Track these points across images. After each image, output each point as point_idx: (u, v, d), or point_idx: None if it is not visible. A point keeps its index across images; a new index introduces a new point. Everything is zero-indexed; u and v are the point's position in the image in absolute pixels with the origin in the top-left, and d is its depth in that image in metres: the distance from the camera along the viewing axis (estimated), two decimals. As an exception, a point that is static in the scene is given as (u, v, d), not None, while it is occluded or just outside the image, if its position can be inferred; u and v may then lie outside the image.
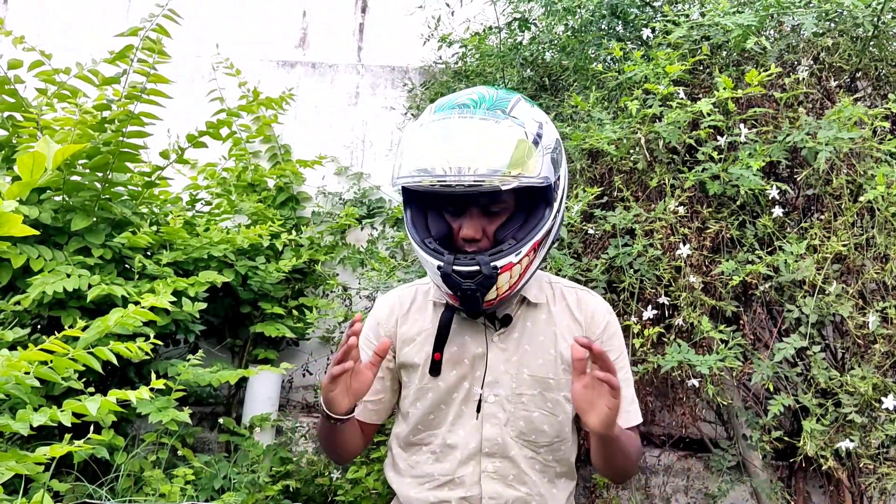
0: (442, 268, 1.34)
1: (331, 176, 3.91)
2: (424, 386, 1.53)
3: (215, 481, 2.76)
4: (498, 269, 1.33)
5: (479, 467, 1.49)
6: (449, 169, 1.27)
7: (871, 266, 2.10)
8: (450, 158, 1.27)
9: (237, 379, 2.64)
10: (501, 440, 1.48)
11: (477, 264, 1.32)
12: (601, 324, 1.53)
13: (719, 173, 2.12)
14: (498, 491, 1.48)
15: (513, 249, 1.34)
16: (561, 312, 1.53)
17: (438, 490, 1.52)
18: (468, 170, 1.26)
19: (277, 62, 4.05)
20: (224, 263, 3.05)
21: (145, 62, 2.61)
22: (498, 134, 1.30)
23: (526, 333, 1.50)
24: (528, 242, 1.36)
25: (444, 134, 1.31)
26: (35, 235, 2.57)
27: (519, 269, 1.36)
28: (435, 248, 1.37)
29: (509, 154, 1.28)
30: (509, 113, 1.34)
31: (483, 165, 1.26)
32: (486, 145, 1.28)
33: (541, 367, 1.49)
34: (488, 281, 1.33)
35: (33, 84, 2.73)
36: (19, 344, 2.21)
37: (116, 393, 1.68)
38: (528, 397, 1.48)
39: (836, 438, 2.00)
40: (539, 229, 1.37)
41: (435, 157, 1.29)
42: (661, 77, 2.19)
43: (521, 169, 1.29)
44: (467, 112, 1.33)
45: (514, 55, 3.03)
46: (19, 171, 1.29)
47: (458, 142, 1.29)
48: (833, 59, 2.36)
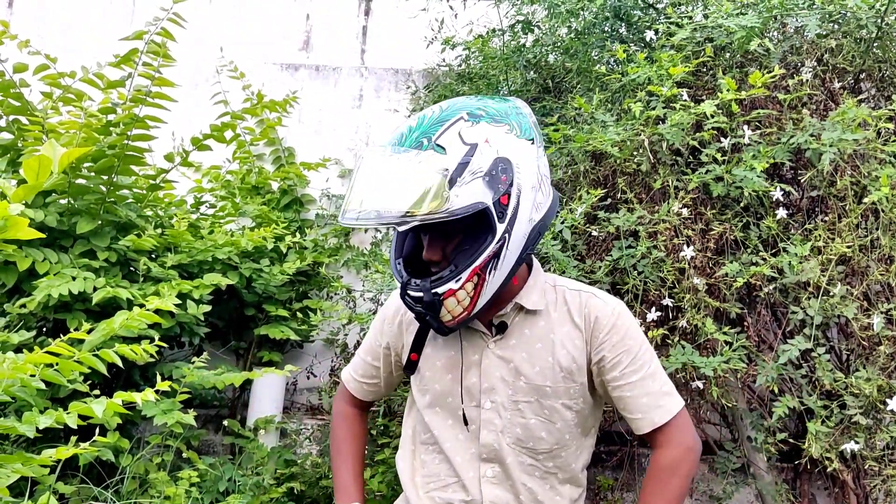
0: (400, 290, 1.41)
1: (335, 178, 3.91)
2: (423, 387, 1.56)
3: (220, 483, 2.76)
4: (439, 295, 1.37)
5: (479, 472, 1.49)
6: (360, 212, 1.33)
7: (875, 267, 2.09)
8: (364, 200, 1.34)
9: (242, 381, 2.64)
10: (498, 446, 1.48)
11: (420, 290, 1.37)
12: (605, 327, 1.49)
13: (723, 175, 2.12)
14: (498, 495, 1.48)
15: (452, 276, 1.37)
16: (561, 319, 1.51)
17: (443, 491, 1.53)
18: (374, 212, 1.32)
19: (281, 65, 4.06)
20: (228, 266, 3.06)
21: (150, 66, 2.63)
22: (407, 173, 1.33)
23: (523, 340, 1.50)
24: (468, 269, 1.37)
25: (366, 175, 1.37)
26: (41, 238, 2.57)
27: (464, 293, 1.38)
28: (399, 269, 1.44)
29: (416, 193, 1.31)
30: (435, 141, 1.35)
31: (390, 206, 1.31)
32: (395, 185, 1.33)
33: (537, 375, 1.48)
34: (432, 306, 1.37)
35: (38, 87, 2.74)
36: (25, 346, 2.22)
37: (122, 395, 1.69)
38: (524, 405, 1.48)
39: (840, 440, 2.00)
40: (480, 254, 1.37)
41: (354, 198, 1.36)
42: (665, 79, 2.19)
43: (437, 204, 1.30)
44: (395, 146, 1.37)
45: (517, 57, 3.03)
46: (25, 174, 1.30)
47: (374, 183, 1.35)
48: (837, 61, 2.36)
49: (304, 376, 3.63)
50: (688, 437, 1.46)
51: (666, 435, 1.45)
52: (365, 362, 1.71)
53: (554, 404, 1.48)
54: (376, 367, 1.69)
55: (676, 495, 1.41)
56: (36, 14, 4.18)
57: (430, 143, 1.34)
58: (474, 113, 1.40)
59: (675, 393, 1.49)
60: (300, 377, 3.63)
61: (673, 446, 1.44)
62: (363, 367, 1.72)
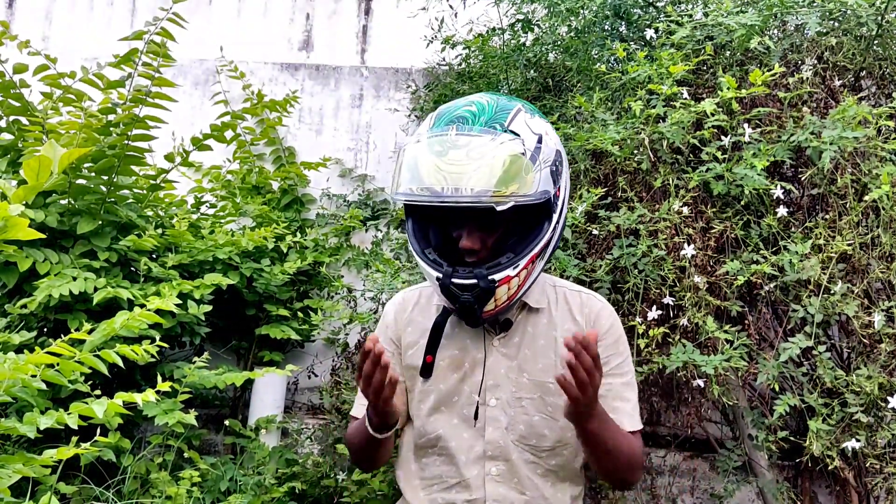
0: (441, 279, 1.35)
1: (335, 178, 3.91)
2: (426, 388, 1.54)
3: (221, 483, 2.76)
4: (496, 282, 1.35)
5: (484, 470, 1.49)
6: (444, 189, 1.29)
7: (876, 265, 2.09)
8: (446, 177, 1.29)
9: (243, 381, 2.64)
10: (503, 443, 1.48)
11: (475, 277, 1.34)
12: (605, 326, 1.53)
13: (723, 173, 2.12)
14: (502, 494, 1.48)
15: (510, 263, 1.36)
16: (562, 316, 1.53)
17: (446, 493, 1.52)
18: (463, 189, 1.28)
19: (281, 65, 4.06)
20: (229, 266, 3.06)
21: (150, 66, 2.62)
22: (494, 151, 1.30)
23: (526, 338, 1.51)
24: (526, 256, 1.37)
25: (441, 151, 1.32)
26: (41, 239, 2.57)
27: (517, 281, 1.38)
28: (434, 259, 1.39)
29: (505, 172, 1.30)
30: (507, 126, 1.34)
31: (478, 185, 1.28)
32: (481, 163, 1.29)
33: (541, 372, 1.49)
34: (486, 294, 1.35)
35: (38, 88, 2.74)
36: (26, 347, 2.22)
37: (123, 395, 1.69)
38: (528, 401, 1.49)
39: (842, 438, 2.00)
40: (537, 243, 1.38)
41: (431, 175, 1.31)
42: (665, 77, 2.19)
43: (517, 187, 1.30)
44: (465, 127, 1.34)
45: (517, 56, 3.03)
46: (25, 175, 1.30)
47: (454, 159, 1.30)
48: (837, 59, 2.35)
49: (306, 376, 3.63)
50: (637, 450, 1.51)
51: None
52: None
53: (557, 401, 1.48)
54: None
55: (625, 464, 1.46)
56: (36, 14, 4.18)
57: (504, 128, 1.34)
58: (528, 106, 1.43)
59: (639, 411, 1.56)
60: (301, 377, 3.63)
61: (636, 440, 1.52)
62: None
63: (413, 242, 1.43)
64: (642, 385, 2.14)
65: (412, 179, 1.34)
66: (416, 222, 1.47)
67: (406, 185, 1.35)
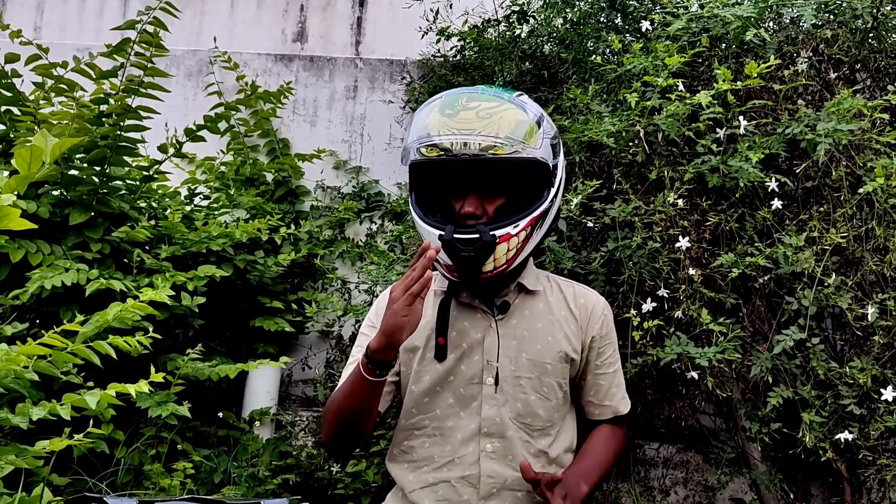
0: (443, 236, 1.40)
1: (329, 170, 3.90)
2: (423, 368, 1.56)
3: (215, 475, 2.76)
4: (496, 237, 1.39)
5: (479, 447, 1.51)
6: (453, 144, 1.36)
7: (870, 258, 2.09)
8: (455, 133, 1.36)
9: (236, 373, 2.64)
10: (500, 420, 1.51)
11: (477, 232, 1.39)
12: (599, 318, 1.61)
13: (718, 166, 2.12)
14: (496, 470, 1.50)
15: (511, 221, 1.42)
16: (558, 303, 1.59)
17: (437, 472, 1.53)
18: (472, 145, 1.35)
19: (275, 56, 4.04)
20: (223, 258, 3.05)
21: (142, 56, 2.61)
22: (502, 112, 1.40)
23: (524, 320, 1.55)
24: (527, 217, 1.43)
25: (451, 112, 1.40)
26: (33, 230, 2.56)
27: (516, 241, 1.42)
28: (437, 220, 1.45)
29: (512, 130, 1.39)
30: (515, 98, 1.46)
31: (486, 140, 1.36)
32: (489, 122, 1.37)
33: (539, 353, 1.53)
34: (487, 248, 1.39)
35: (30, 78, 2.72)
36: (18, 338, 2.21)
37: (116, 386, 1.68)
38: (525, 380, 1.52)
39: (835, 430, 2.00)
40: (537, 207, 1.45)
41: (441, 133, 1.38)
42: (660, 69, 2.19)
43: (523, 144, 1.39)
44: (475, 94, 1.44)
45: (512, 48, 3.02)
46: (17, 164, 1.29)
47: (464, 118, 1.38)
48: (832, 51, 2.35)
49: (300, 368, 3.62)
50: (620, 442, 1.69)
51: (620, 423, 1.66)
52: None
53: (552, 381, 1.54)
54: None
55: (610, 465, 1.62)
56: (28, 4, 4.15)
57: (513, 99, 1.45)
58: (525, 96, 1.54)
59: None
60: (295, 369, 3.63)
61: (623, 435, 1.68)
62: None
63: (416, 210, 1.48)
64: (636, 377, 2.14)
65: (421, 136, 1.41)
66: (419, 194, 1.52)
67: (415, 141, 1.42)
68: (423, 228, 1.45)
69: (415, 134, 1.43)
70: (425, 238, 1.45)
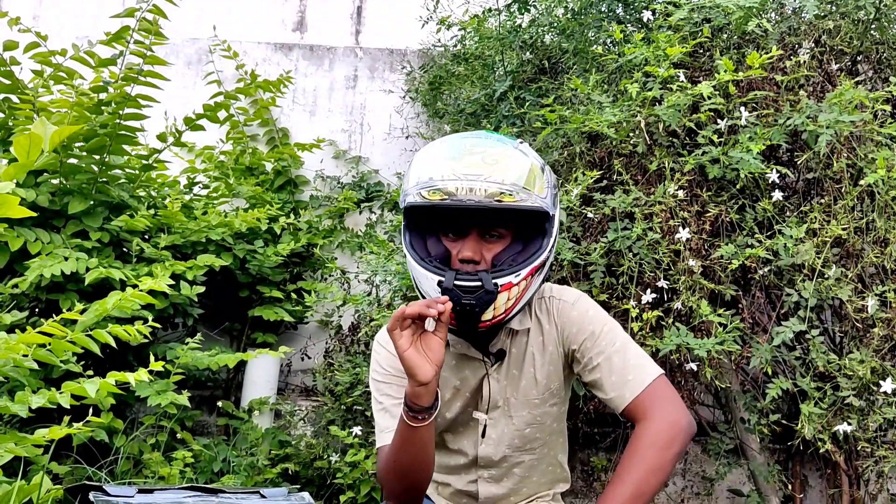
0: (443, 283, 1.34)
1: (329, 160, 3.89)
2: None
3: (214, 464, 2.77)
4: (499, 286, 1.35)
5: (476, 474, 1.57)
6: (458, 189, 1.31)
7: (870, 250, 2.09)
8: (460, 178, 1.31)
9: (236, 362, 2.64)
10: (496, 457, 1.55)
11: (479, 280, 1.34)
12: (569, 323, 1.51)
13: (719, 157, 2.12)
14: (493, 491, 1.57)
15: (513, 270, 1.36)
16: (535, 331, 1.53)
17: (438, 474, 1.60)
18: (478, 191, 1.30)
19: (275, 45, 4.02)
20: (222, 247, 3.04)
21: (142, 44, 2.60)
22: (507, 159, 1.35)
23: (512, 360, 1.53)
24: (528, 266, 1.38)
25: (456, 156, 1.35)
26: (32, 218, 2.56)
27: (517, 291, 1.38)
28: (436, 265, 1.38)
29: (524, 172, 1.34)
30: (518, 145, 1.42)
31: (493, 186, 1.31)
32: (495, 168, 1.32)
33: (525, 389, 1.52)
34: (488, 297, 1.34)
35: (29, 66, 2.71)
36: (17, 327, 2.21)
37: (115, 375, 1.68)
38: (517, 418, 1.53)
39: (833, 422, 2.01)
40: (537, 256, 1.39)
41: (445, 178, 1.32)
42: (662, 60, 2.18)
43: (532, 191, 1.34)
44: (479, 139, 1.40)
45: (513, 38, 3.01)
46: (15, 152, 1.28)
47: (470, 163, 1.33)
48: (834, 42, 2.34)
49: (299, 358, 3.63)
50: (668, 409, 1.37)
51: (641, 409, 1.38)
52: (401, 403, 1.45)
53: (543, 409, 1.54)
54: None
55: (652, 467, 1.30)
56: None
57: (517, 145, 1.41)
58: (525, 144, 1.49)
59: (648, 366, 1.43)
60: (294, 359, 3.63)
61: (649, 419, 1.36)
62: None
63: (412, 253, 1.42)
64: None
65: (424, 180, 1.35)
66: (413, 236, 1.46)
67: (417, 185, 1.35)
68: (420, 273, 1.38)
69: (416, 177, 1.36)
70: (421, 283, 1.40)
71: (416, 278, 1.41)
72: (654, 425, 1.35)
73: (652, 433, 1.33)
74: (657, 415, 1.36)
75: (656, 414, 1.36)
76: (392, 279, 2.80)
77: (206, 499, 1.82)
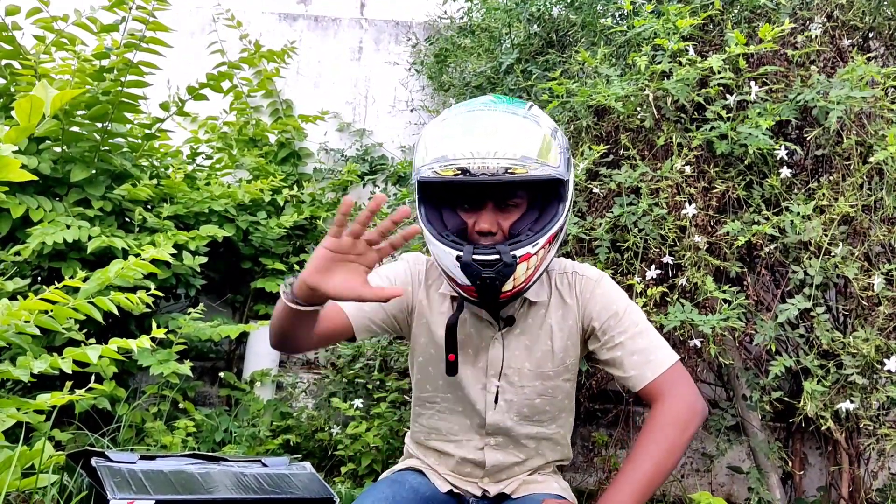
0: (462, 257, 1.34)
1: (333, 132, 3.86)
2: (427, 359, 1.58)
3: (216, 434, 2.78)
4: (517, 258, 1.35)
5: (483, 441, 1.57)
6: (471, 163, 1.30)
7: (877, 228, 2.08)
8: (473, 152, 1.30)
9: (238, 334, 2.64)
10: (503, 424, 1.55)
11: (497, 253, 1.34)
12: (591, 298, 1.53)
13: (727, 132, 2.09)
14: (500, 459, 1.57)
15: (530, 240, 1.36)
16: (555, 304, 1.55)
17: (444, 443, 1.60)
18: (491, 162, 1.29)
19: (279, 15, 3.98)
20: (225, 218, 3.03)
21: (144, 9, 2.57)
22: (519, 128, 1.34)
23: (526, 330, 1.54)
24: (545, 234, 1.38)
25: (467, 128, 1.34)
26: (34, 185, 2.55)
27: (535, 260, 1.38)
28: (453, 239, 1.38)
29: (536, 143, 1.33)
30: (528, 112, 1.40)
31: (506, 156, 1.30)
32: (507, 138, 1.32)
33: (539, 361, 1.53)
34: (507, 269, 1.34)
35: (31, 31, 2.68)
36: (20, 294, 2.20)
37: (117, 341, 1.68)
38: (529, 388, 1.54)
39: (836, 399, 2.00)
40: (554, 224, 1.40)
41: (457, 151, 1.32)
42: (672, 33, 2.15)
43: (546, 159, 1.33)
44: (489, 110, 1.38)
45: (520, 10, 2.97)
46: (17, 116, 1.27)
47: (484, 131, 1.32)
48: (847, 17, 2.31)
49: (301, 330, 3.62)
50: (685, 391, 1.42)
51: (660, 389, 1.42)
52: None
53: (556, 383, 1.55)
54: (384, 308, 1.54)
55: (671, 446, 1.34)
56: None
57: (527, 113, 1.39)
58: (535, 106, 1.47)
59: (668, 349, 1.48)
60: (296, 331, 3.63)
61: (668, 399, 1.41)
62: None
63: (428, 227, 1.41)
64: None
65: (437, 158, 1.34)
66: (428, 210, 1.45)
67: (430, 163, 1.34)
68: (438, 248, 1.38)
69: (428, 153, 1.36)
70: (440, 258, 1.40)
71: (436, 253, 1.41)
72: (675, 406, 1.39)
73: (672, 413, 1.38)
74: (676, 396, 1.41)
75: (675, 395, 1.41)
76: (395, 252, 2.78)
77: (207, 466, 1.83)
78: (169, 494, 1.68)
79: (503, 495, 1.58)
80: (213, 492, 1.75)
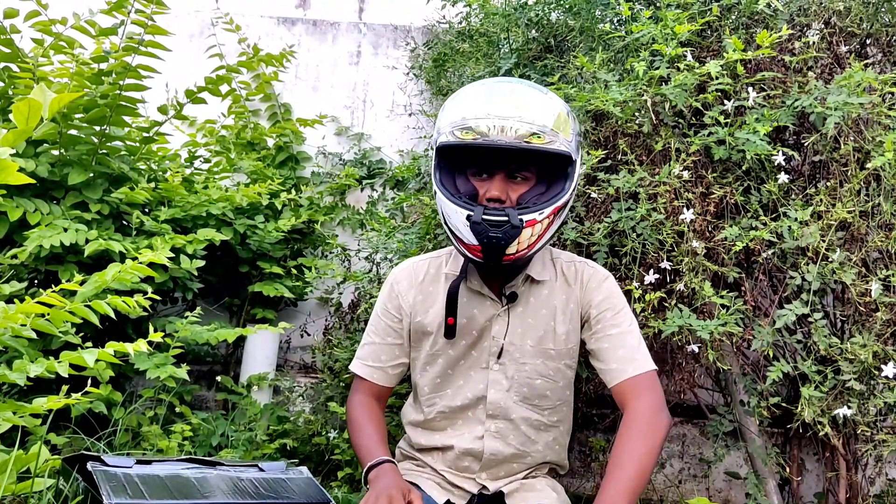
0: (472, 217, 1.41)
1: (331, 136, 3.87)
2: (435, 352, 1.62)
3: (213, 438, 2.77)
4: (524, 221, 1.42)
5: (484, 427, 1.59)
6: (490, 130, 1.37)
7: (875, 234, 2.08)
8: (500, 111, 1.38)
9: (235, 338, 2.63)
10: (504, 404, 1.57)
11: (506, 215, 1.41)
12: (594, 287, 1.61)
13: (725, 138, 2.10)
14: (498, 448, 1.59)
15: (537, 208, 1.44)
16: (560, 288, 1.61)
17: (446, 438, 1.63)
18: (509, 131, 1.37)
19: (278, 19, 3.98)
20: (223, 222, 3.03)
21: (143, 13, 2.56)
22: (537, 102, 1.42)
23: (529, 308, 1.58)
24: (551, 205, 1.45)
25: (487, 98, 1.42)
26: (32, 188, 2.54)
27: (540, 228, 1.45)
28: (466, 200, 1.46)
29: (553, 115, 1.41)
30: (547, 91, 1.50)
31: (522, 128, 1.37)
32: (525, 110, 1.39)
33: (542, 339, 1.57)
34: (514, 231, 1.41)
35: (29, 35, 2.68)
36: (17, 297, 2.20)
37: (114, 345, 1.67)
38: (530, 366, 1.57)
39: (833, 405, 2.00)
40: (560, 197, 1.47)
41: (477, 118, 1.39)
42: (669, 38, 2.15)
43: (561, 133, 1.41)
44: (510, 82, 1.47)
45: (519, 15, 2.97)
46: (15, 119, 1.27)
47: (500, 103, 1.40)
48: (844, 24, 2.31)
49: (298, 335, 3.62)
50: (659, 395, 1.48)
51: (636, 389, 1.48)
52: (384, 345, 1.69)
53: (558, 365, 1.59)
54: (399, 344, 1.68)
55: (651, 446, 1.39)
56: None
57: (546, 91, 1.49)
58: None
59: (650, 358, 1.55)
60: (294, 335, 3.63)
61: (643, 400, 1.46)
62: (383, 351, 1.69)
63: (442, 189, 1.48)
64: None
65: (458, 122, 1.41)
66: (443, 174, 1.52)
67: (451, 127, 1.42)
68: (451, 208, 1.45)
69: (450, 117, 1.43)
70: (450, 217, 1.46)
71: (446, 213, 1.47)
72: (650, 404, 1.46)
73: (647, 414, 1.44)
74: (651, 397, 1.48)
75: (651, 396, 1.48)
76: (393, 257, 2.79)
77: (204, 470, 1.82)
78: (165, 499, 1.67)
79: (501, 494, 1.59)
80: (209, 496, 1.74)
